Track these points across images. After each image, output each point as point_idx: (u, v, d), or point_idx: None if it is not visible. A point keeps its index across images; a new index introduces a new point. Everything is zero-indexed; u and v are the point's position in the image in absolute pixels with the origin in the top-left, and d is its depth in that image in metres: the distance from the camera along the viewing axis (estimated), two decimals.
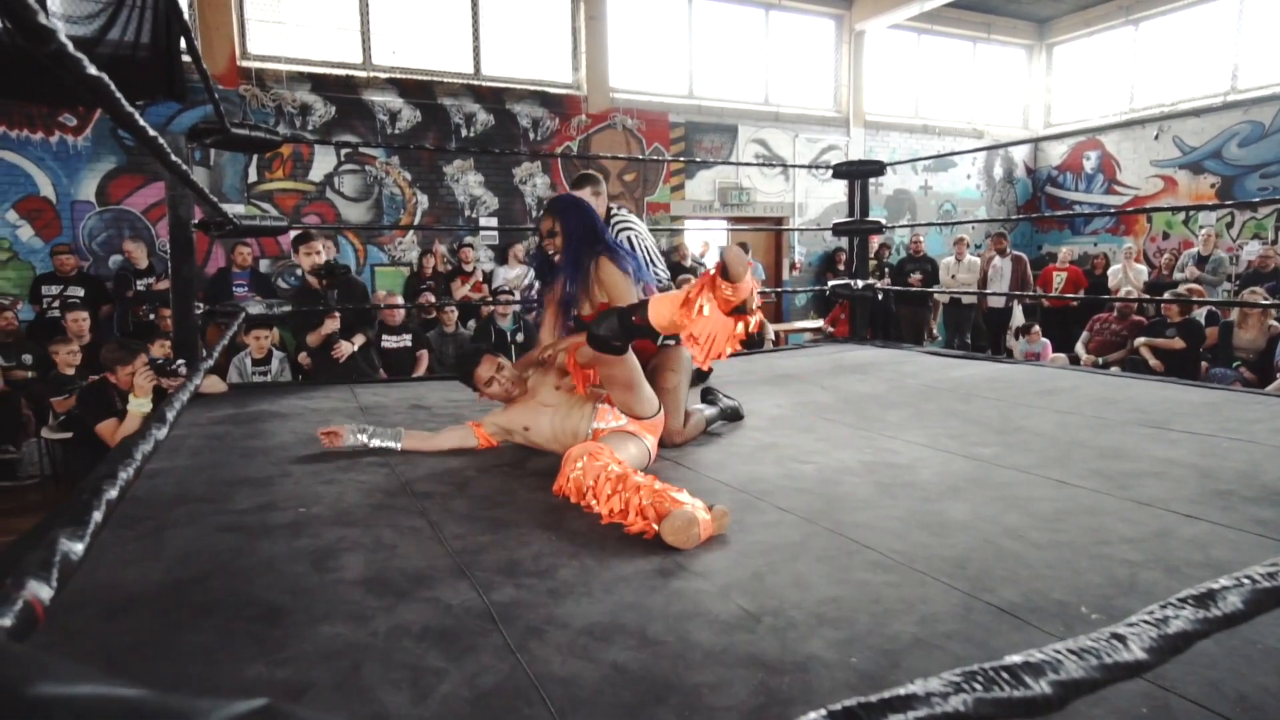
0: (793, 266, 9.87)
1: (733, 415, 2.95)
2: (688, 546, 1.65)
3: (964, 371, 4.11)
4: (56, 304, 5.84)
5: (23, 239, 6.19)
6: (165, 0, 6.09)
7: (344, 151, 7.17)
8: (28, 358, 5.01)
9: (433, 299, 6.42)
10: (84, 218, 6.32)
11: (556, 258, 2.53)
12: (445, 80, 7.65)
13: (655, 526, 1.72)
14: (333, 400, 3.37)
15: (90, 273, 6.23)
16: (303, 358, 4.00)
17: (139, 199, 6.43)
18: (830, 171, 5.17)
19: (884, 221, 5.10)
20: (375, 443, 2.48)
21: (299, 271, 6.88)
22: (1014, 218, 11.83)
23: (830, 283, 5.28)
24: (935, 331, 9.29)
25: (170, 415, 1.04)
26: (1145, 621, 0.38)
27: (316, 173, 7.13)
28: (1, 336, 5.15)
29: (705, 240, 9.28)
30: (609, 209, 3.17)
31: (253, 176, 6.91)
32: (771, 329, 6.73)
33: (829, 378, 4.06)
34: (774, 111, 9.55)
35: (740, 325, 1.99)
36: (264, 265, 6.83)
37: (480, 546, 1.69)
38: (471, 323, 6.40)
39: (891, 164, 5.12)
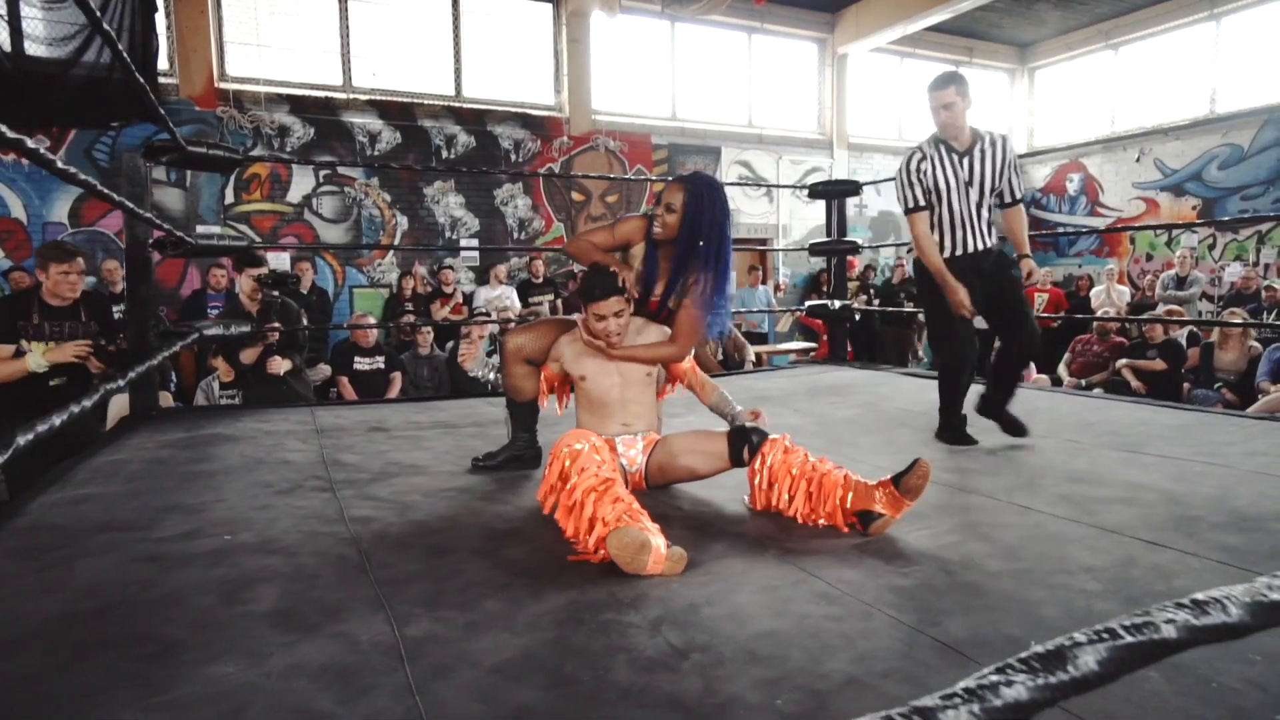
0: (777, 287, 9.84)
1: None
2: (631, 570, 1.57)
3: None
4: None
5: None
6: (139, 22, 6.08)
7: (323, 173, 7.14)
8: None
9: (411, 320, 6.35)
10: (56, 239, 6.25)
11: (657, 232, 2.21)
12: (426, 102, 7.65)
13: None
14: (290, 423, 3.28)
15: None
16: (225, 371, 3.87)
17: (113, 220, 6.36)
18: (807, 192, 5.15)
19: (861, 242, 5.08)
20: (493, 376, 2.44)
21: (276, 293, 6.81)
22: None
23: (807, 303, 5.24)
24: (921, 352, 9.25)
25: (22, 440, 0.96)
26: (968, 691, 0.31)
27: (295, 194, 7.08)
28: None
29: None
30: (974, 130, 2.77)
31: (230, 198, 6.86)
32: (752, 350, 6.67)
33: (804, 400, 3.99)
34: (757, 133, 9.59)
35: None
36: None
37: (407, 576, 1.60)
38: (450, 344, 6.32)
39: (867, 184, 5.10)
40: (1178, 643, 0.36)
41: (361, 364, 5.38)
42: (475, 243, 7.84)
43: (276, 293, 3.81)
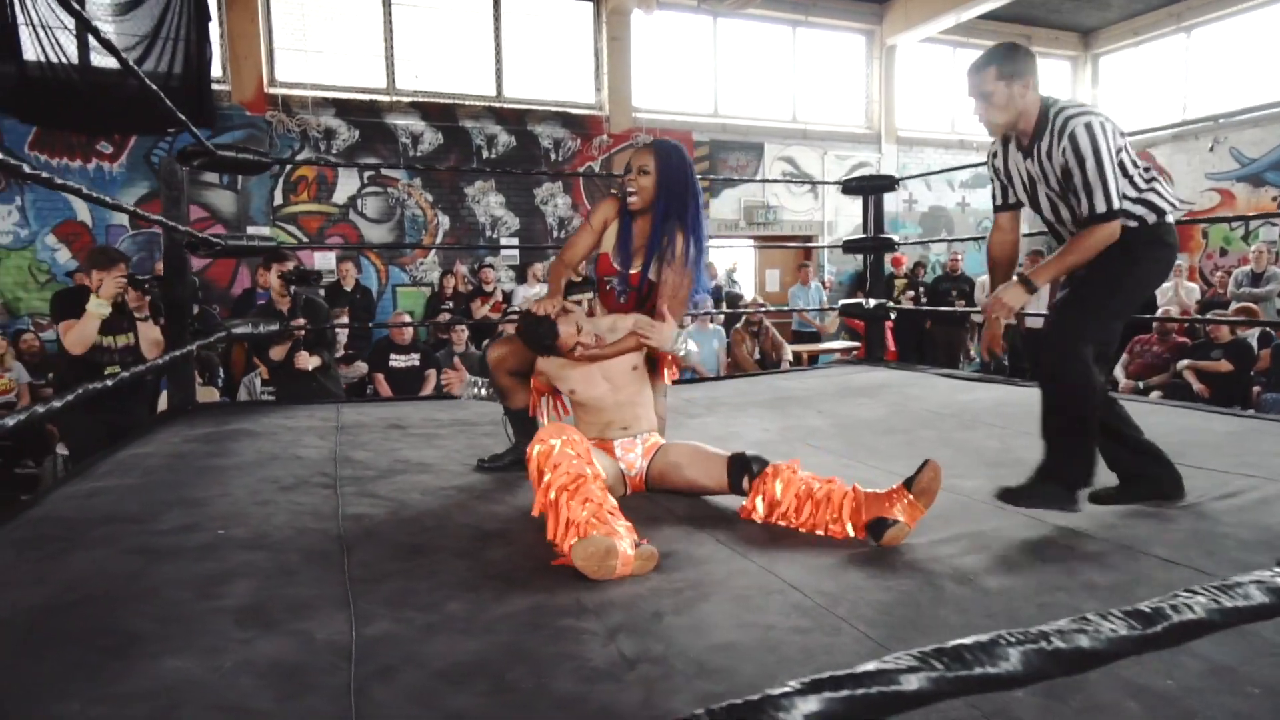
0: (824, 285, 9.65)
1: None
2: (598, 577, 1.54)
3: (974, 395, 3.90)
4: None
5: (60, 261, 6.46)
6: (194, 32, 6.33)
7: (367, 174, 7.32)
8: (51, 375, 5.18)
9: (446, 318, 6.45)
10: (118, 240, 6.57)
11: (633, 200, 2.23)
12: (467, 103, 7.77)
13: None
14: (314, 419, 3.36)
15: None
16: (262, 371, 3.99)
17: None
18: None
19: (898, 238, 4.92)
20: (484, 393, 2.46)
21: (321, 292, 7.01)
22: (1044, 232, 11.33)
23: (841, 302, 5.11)
24: (972, 353, 8.94)
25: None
26: None
27: (340, 195, 7.28)
28: (29, 357, 5.36)
29: (734, 260, 9.16)
30: (1047, 115, 1.96)
31: (279, 199, 7.10)
32: (789, 350, 6.56)
33: (830, 401, 3.89)
34: (802, 129, 9.41)
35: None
36: None
37: (382, 574, 1.61)
38: (486, 342, 6.40)
39: (913, 178, 4.94)
40: (917, 696, 0.32)
41: (397, 361, 5.49)
42: (515, 242, 7.92)
43: (321, 290, 3.92)
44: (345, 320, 5.89)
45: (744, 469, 2.04)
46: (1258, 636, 1.26)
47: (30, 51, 6.07)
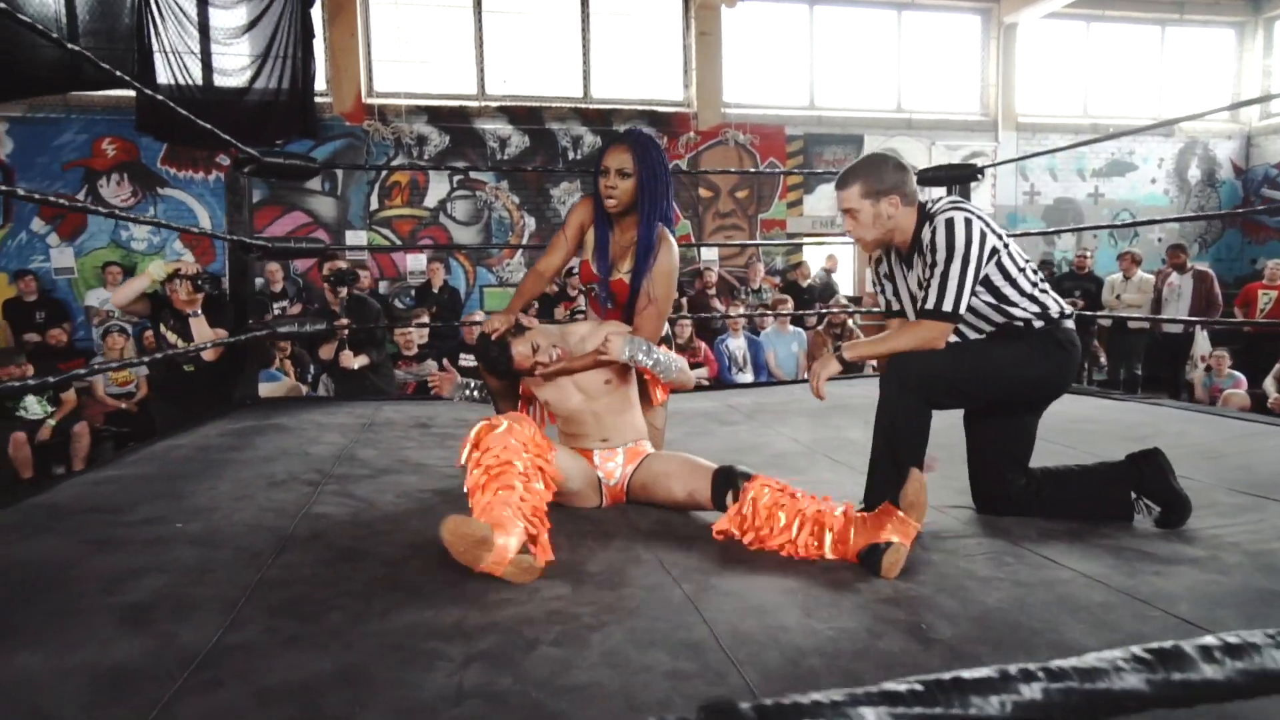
0: None
1: None
2: (467, 563, 1.50)
3: (1056, 407, 3.44)
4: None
5: None
6: (299, 50, 6.77)
7: (456, 178, 7.56)
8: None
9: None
10: None
11: (612, 203, 2.07)
12: (554, 105, 7.86)
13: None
14: (352, 416, 3.46)
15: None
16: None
17: (277, 228, 7.19)
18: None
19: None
20: (477, 395, 2.40)
21: (412, 292, 7.33)
22: (1156, 220, 9.95)
23: None
24: (1101, 359, 8.04)
25: None
26: None
27: (431, 199, 7.58)
28: (151, 353, 5.93)
29: (831, 254, 8.74)
30: (925, 222, 1.87)
31: (374, 205, 7.48)
32: None
33: None
34: (906, 118, 8.83)
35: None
36: (383, 287, 7.36)
37: (294, 579, 1.58)
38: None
39: (988, 167, 4.48)
40: None
41: (465, 361, 5.61)
42: None
43: (411, 291, 4.07)
44: (425, 320, 6.09)
45: (728, 483, 1.86)
46: None
47: (163, 76, 6.73)
